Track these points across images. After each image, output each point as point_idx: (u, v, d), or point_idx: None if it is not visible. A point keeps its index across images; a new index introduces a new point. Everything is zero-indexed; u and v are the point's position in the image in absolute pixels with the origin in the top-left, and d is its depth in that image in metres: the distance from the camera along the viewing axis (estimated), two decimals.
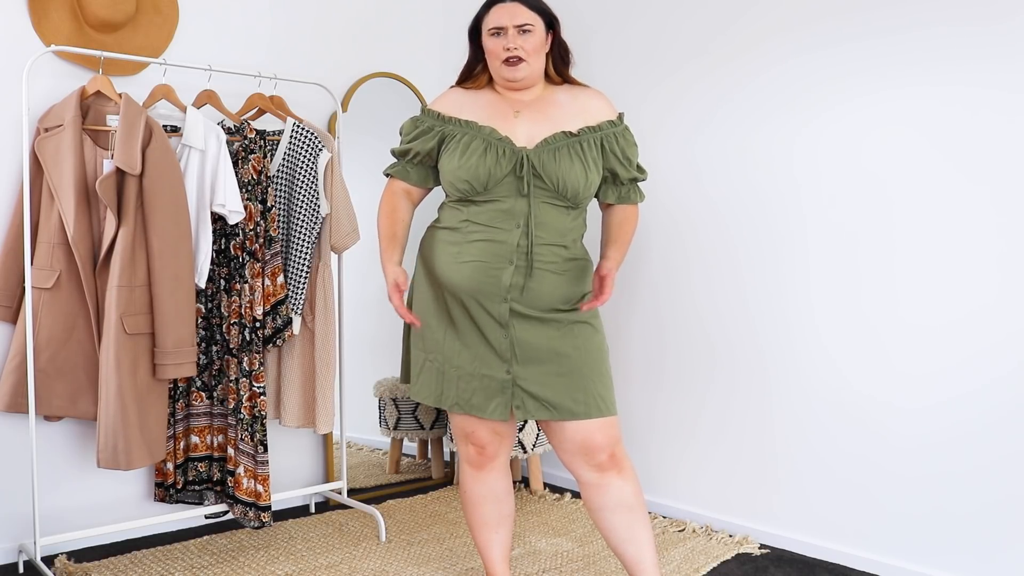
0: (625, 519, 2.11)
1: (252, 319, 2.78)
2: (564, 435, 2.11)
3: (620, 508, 2.11)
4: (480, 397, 2.10)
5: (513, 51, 2.07)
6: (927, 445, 2.54)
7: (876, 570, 2.64)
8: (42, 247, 2.53)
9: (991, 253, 2.42)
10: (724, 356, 3.04)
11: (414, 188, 2.23)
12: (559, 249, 2.09)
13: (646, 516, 2.14)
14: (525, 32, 2.08)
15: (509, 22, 2.07)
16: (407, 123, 2.22)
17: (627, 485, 2.11)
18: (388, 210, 2.22)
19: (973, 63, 2.42)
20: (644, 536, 2.12)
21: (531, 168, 2.05)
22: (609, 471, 2.10)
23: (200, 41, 3.00)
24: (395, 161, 2.25)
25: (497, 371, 2.08)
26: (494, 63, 2.11)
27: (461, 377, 2.11)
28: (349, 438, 3.39)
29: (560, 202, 2.09)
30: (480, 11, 2.15)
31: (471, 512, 2.29)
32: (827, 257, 2.76)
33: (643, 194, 2.25)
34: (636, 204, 2.23)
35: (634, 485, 2.12)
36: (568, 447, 2.12)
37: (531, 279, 2.05)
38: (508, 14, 2.08)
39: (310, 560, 2.73)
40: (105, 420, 2.45)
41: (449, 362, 2.12)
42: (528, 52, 2.09)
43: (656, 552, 2.15)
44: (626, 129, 2.18)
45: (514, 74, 2.10)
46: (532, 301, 2.07)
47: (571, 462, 2.13)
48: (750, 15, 2.93)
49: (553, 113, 2.13)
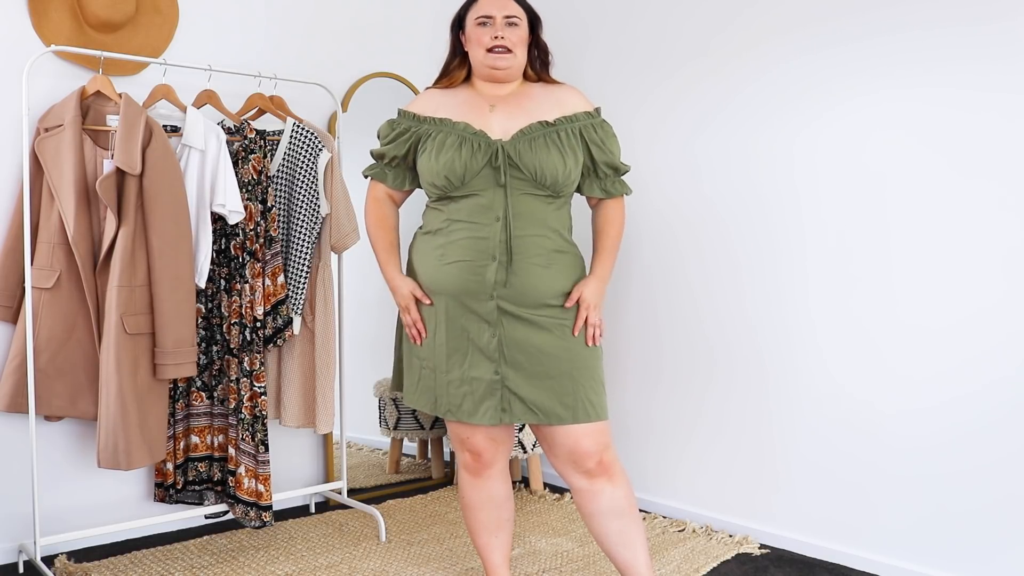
0: (617, 524, 2.09)
1: (252, 319, 2.79)
2: (553, 440, 2.10)
3: (612, 514, 2.09)
4: (470, 402, 2.08)
5: (500, 40, 2.09)
6: (926, 445, 2.54)
7: (875, 570, 2.64)
8: (42, 247, 2.53)
9: (990, 254, 2.42)
10: (723, 356, 3.04)
11: (395, 192, 2.23)
12: (542, 240, 2.07)
13: (639, 520, 2.12)
14: (511, 24, 2.10)
15: (497, 12, 2.09)
16: (384, 125, 2.21)
17: (618, 491, 2.08)
18: (378, 220, 2.22)
19: (973, 63, 2.42)
20: (637, 540, 2.10)
21: (507, 158, 2.04)
22: (599, 478, 2.07)
23: (200, 41, 3.00)
24: (373, 163, 2.24)
25: (485, 372, 2.06)
26: (478, 52, 2.11)
27: (451, 383, 2.09)
28: (349, 438, 3.39)
29: (540, 191, 2.07)
30: (466, 2, 2.17)
31: (470, 517, 2.28)
32: (825, 258, 2.76)
33: (629, 187, 2.21)
34: (621, 198, 2.20)
35: (625, 490, 2.10)
36: (557, 452, 2.10)
37: (513, 274, 2.03)
38: (497, 4, 2.10)
39: (310, 560, 2.73)
40: (105, 420, 2.45)
41: (440, 368, 2.11)
42: (514, 43, 2.10)
43: (649, 555, 2.13)
44: (604, 121, 2.17)
45: (498, 62, 2.10)
46: (518, 297, 2.04)
47: (561, 468, 2.12)
48: (748, 16, 2.93)
49: (528, 105, 2.13)
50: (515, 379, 2.05)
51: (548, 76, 2.22)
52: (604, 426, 2.09)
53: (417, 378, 2.16)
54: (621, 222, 2.20)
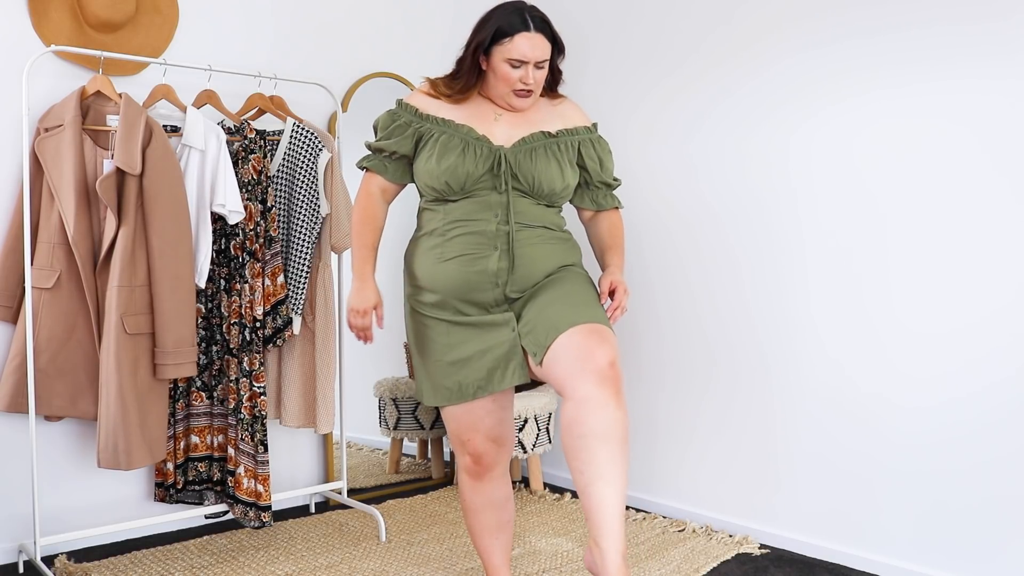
0: (607, 451, 1.86)
1: (252, 319, 2.79)
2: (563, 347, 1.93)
3: (606, 437, 1.86)
4: (498, 373, 2.05)
5: (528, 85, 2.06)
6: (927, 445, 2.54)
7: (876, 570, 2.64)
8: (42, 247, 2.53)
9: (992, 252, 2.42)
10: (723, 356, 3.04)
11: (390, 185, 2.19)
12: (540, 230, 2.10)
13: (627, 458, 1.91)
14: (540, 68, 2.07)
15: (532, 58, 2.04)
16: (384, 116, 2.17)
17: (620, 413, 1.88)
18: (366, 215, 2.18)
19: (970, 61, 2.42)
20: (621, 478, 1.88)
21: (508, 167, 2.05)
22: (608, 387, 1.88)
23: (200, 41, 3.00)
24: (370, 155, 2.19)
25: (504, 337, 2.04)
26: (502, 88, 2.08)
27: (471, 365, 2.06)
28: (349, 438, 3.39)
29: (536, 200, 2.09)
30: (499, 31, 2.03)
31: (471, 519, 2.28)
32: (825, 256, 2.76)
33: (620, 201, 2.25)
34: (617, 209, 2.24)
35: (626, 419, 1.90)
36: (567, 356, 1.92)
37: (518, 257, 2.04)
38: (532, 48, 2.03)
39: (310, 560, 2.73)
40: (105, 420, 2.45)
41: (458, 362, 2.08)
42: (538, 84, 2.09)
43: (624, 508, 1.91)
44: (600, 137, 2.21)
45: (521, 104, 2.10)
46: (524, 280, 2.06)
47: (569, 375, 1.91)
48: (741, 15, 2.93)
49: (532, 116, 2.14)
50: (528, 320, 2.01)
51: (553, 91, 2.22)
52: (615, 340, 1.98)
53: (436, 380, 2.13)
54: (622, 229, 2.24)
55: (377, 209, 2.20)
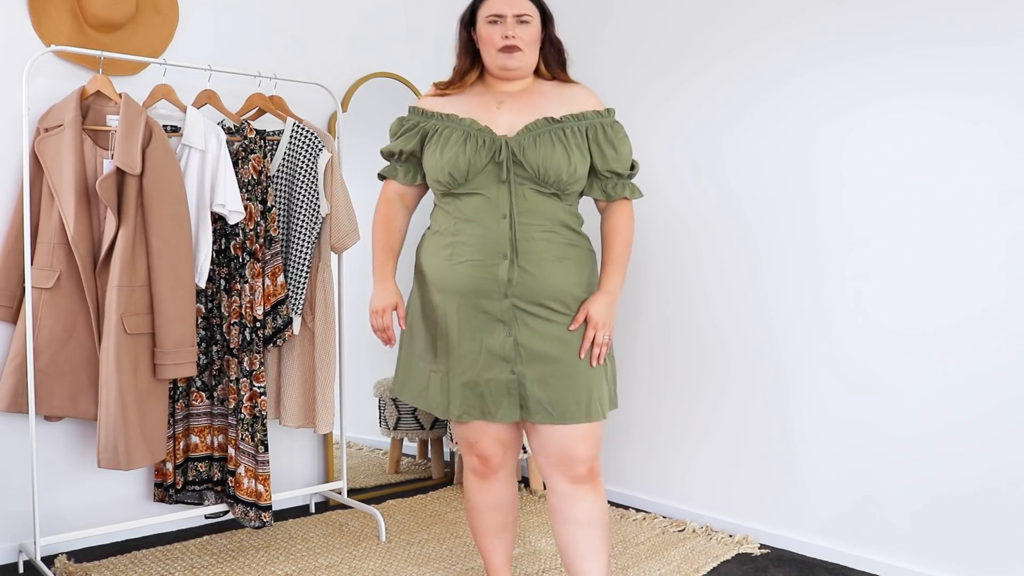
0: (588, 535, 2.08)
1: (252, 319, 2.79)
2: (549, 439, 2.06)
3: (585, 523, 2.08)
4: (489, 402, 2.06)
5: (511, 39, 2.06)
6: (927, 445, 2.54)
7: (876, 570, 2.64)
8: (42, 247, 2.53)
9: (994, 254, 2.42)
10: (723, 356, 3.04)
11: (407, 190, 2.21)
12: (552, 235, 2.04)
13: (608, 536, 2.11)
14: (523, 22, 2.07)
15: (508, 11, 2.06)
16: (395, 122, 2.20)
17: (598, 501, 2.08)
18: (384, 220, 2.20)
19: (972, 75, 2.43)
20: (602, 556, 2.09)
21: (511, 154, 2.02)
22: (584, 484, 2.07)
23: (200, 41, 3.00)
24: (387, 163, 2.23)
25: (501, 373, 2.04)
26: (489, 51, 2.09)
27: (465, 384, 2.06)
28: (349, 438, 3.39)
29: (545, 189, 2.04)
30: (475, 1, 2.13)
31: (474, 519, 2.27)
32: (836, 256, 2.75)
33: (637, 190, 2.14)
34: (627, 202, 2.14)
35: (603, 503, 2.11)
36: (549, 452, 2.07)
37: (524, 271, 2.01)
38: (508, 2, 2.07)
39: (310, 560, 2.73)
40: (105, 420, 2.45)
41: (452, 371, 2.08)
42: (525, 42, 2.08)
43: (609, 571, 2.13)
44: (616, 122, 2.12)
45: (509, 62, 2.08)
46: (532, 293, 2.01)
47: (548, 469, 2.10)
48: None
49: (537, 102, 2.10)
50: (531, 377, 2.03)
51: (563, 75, 2.18)
52: (600, 432, 2.08)
53: (426, 384, 2.13)
54: (628, 231, 2.13)
55: (394, 213, 2.21)
